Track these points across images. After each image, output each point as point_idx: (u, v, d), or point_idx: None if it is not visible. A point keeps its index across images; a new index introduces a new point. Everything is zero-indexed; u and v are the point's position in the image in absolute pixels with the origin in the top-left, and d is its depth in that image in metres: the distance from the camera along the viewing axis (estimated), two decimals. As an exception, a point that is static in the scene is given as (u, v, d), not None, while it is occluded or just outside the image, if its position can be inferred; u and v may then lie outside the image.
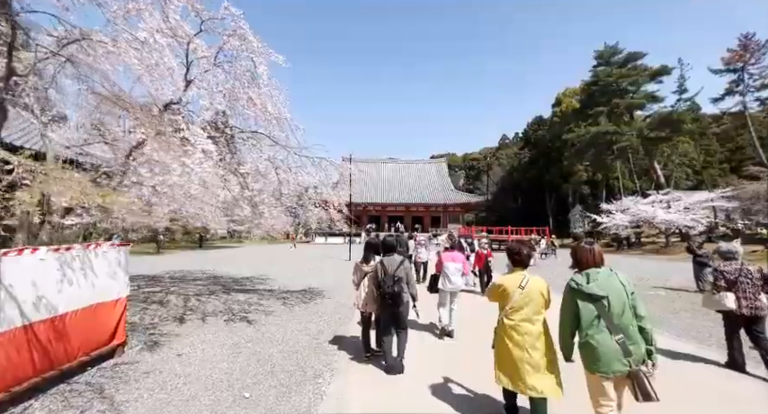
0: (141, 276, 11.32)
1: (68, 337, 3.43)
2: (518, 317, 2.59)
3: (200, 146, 5.08)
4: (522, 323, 2.56)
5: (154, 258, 19.39)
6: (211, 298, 7.79)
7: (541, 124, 57.60)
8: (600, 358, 2.17)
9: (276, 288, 9.42)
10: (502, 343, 2.64)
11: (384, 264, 3.88)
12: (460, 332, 5.26)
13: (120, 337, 4.15)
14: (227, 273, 12.55)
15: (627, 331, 2.18)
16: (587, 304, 2.26)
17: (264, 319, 6.15)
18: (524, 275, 2.68)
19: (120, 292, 4.16)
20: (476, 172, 76.01)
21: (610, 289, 2.24)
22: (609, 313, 2.20)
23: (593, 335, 2.22)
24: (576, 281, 2.35)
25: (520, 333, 2.54)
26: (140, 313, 6.23)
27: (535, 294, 2.61)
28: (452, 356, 4.44)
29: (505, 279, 2.77)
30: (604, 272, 2.33)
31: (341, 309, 7.12)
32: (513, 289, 2.63)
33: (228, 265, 15.72)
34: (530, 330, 2.54)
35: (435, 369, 3.94)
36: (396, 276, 3.76)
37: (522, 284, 2.62)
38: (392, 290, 3.70)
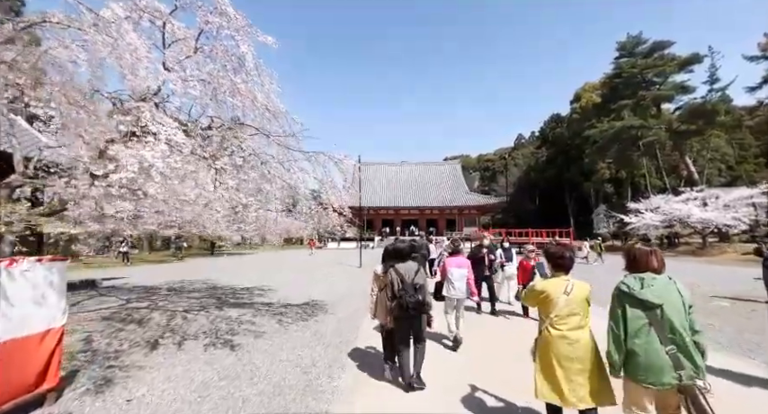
0: (139, 288, 10.63)
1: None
2: (566, 326, 2.40)
3: (164, 135, 4.17)
4: (570, 332, 2.38)
5: (161, 267, 18.91)
6: (200, 314, 6.90)
7: (559, 122, 55.52)
8: (647, 369, 2.03)
9: (275, 301, 8.47)
10: (547, 355, 2.42)
11: (400, 271, 3.59)
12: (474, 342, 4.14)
13: (51, 379, 3.23)
14: (228, 283, 11.74)
15: (681, 344, 2.00)
16: (637, 311, 2.09)
17: (252, 344, 5.17)
18: (568, 280, 2.50)
19: (51, 321, 3.25)
20: (491, 173, 74.13)
21: (666, 298, 2.06)
22: (662, 324, 2.03)
23: (640, 344, 2.06)
24: (628, 284, 2.14)
25: (570, 342, 2.35)
26: (111, 337, 5.36)
27: (580, 301, 2.45)
28: (470, 368, 3.96)
29: (548, 284, 2.55)
30: (662, 279, 2.12)
31: (343, 328, 6.09)
32: (558, 295, 2.44)
33: (233, 273, 14.97)
34: (580, 339, 2.36)
35: (456, 383, 3.64)
36: (417, 284, 3.53)
37: (567, 290, 2.44)
38: (416, 299, 3.45)
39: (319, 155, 6.16)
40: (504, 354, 4.62)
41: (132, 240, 24.82)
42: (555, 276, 2.58)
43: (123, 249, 21.15)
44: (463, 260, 5.07)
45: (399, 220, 42.82)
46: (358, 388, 3.71)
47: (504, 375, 3.84)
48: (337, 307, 7.80)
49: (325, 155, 6.16)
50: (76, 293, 9.32)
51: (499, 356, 4.56)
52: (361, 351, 4.87)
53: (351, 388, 3.72)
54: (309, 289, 10.25)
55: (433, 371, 3.83)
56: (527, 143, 73.50)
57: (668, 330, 2.01)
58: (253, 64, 5.78)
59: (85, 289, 10.19)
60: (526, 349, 2.66)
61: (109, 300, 8.39)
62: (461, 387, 3.63)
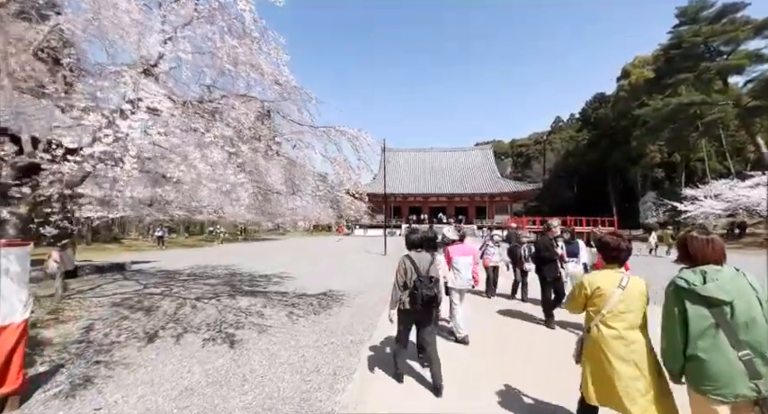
0: (162, 272, 10.67)
1: None
2: (621, 324, 2.13)
3: (144, 104, 3.59)
4: (627, 332, 2.11)
5: (193, 251, 19.41)
6: (210, 303, 6.55)
7: (603, 102, 51.06)
8: (715, 378, 1.73)
9: (291, 291, 8.02)
10: (598, 357, 2.17)
11: (414, 261, 3.35)
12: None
13: (12, 381, 2.82)
14: (249, 268, 11.55)
15: (757, 348, 1.70)
16: (700, 309, 1.79)
17: (254, 341, 4.66)
18: (623, 273, 2.25)
19: (9, 315, 2.81)
20: (525, 159, 70.42)
21: (735, 293, 1.76)
22: (732, 323, 1.74)
23: (705, 348, 1.77)
24: (687, 279, 1.83)
25: (626, 343, 2.09)
26: (112, 326, 5.07)
27: (637, 296, 2.16)
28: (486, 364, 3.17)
29: (599, 277, 2.29)
30: (728, 271, 1.83)
31: (357, 324, 5.46)
32: (612, 289, 2.18)
33: (257, 259, 14.90)
34: (637, 339, 2.10)
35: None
36: (432, 277, 3.28)
37: (623, 284, 2.17)
38: (431, 292, 3.19)
39: (330, 130, 5.41)
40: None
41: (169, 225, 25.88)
42: (607, 268, 2.32)
43: (159, 233, 21.99)
44: (469, 248, 4.82)
45: (427, 207, 41.66)
46: (365, 405, 3.03)
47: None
48: (355, 298, 7.20)
49: (337, 130, 5.40)
50: (102, 277, 9.43)
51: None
52: (375, 354, 4.20)
53: (356, 403, 3.07)
54: (329, 277, 9.76)
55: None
56: (566, 126, 68.66)
57: (741, 331, 1.74)
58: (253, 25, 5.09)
59: (113, 272, 10.35)
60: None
61: (128, 284, 8.34)
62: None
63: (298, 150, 5.48)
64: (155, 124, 3.70)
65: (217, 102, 5.09)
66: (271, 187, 6.33)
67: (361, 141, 5.64)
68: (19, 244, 2.97)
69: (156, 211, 15.25)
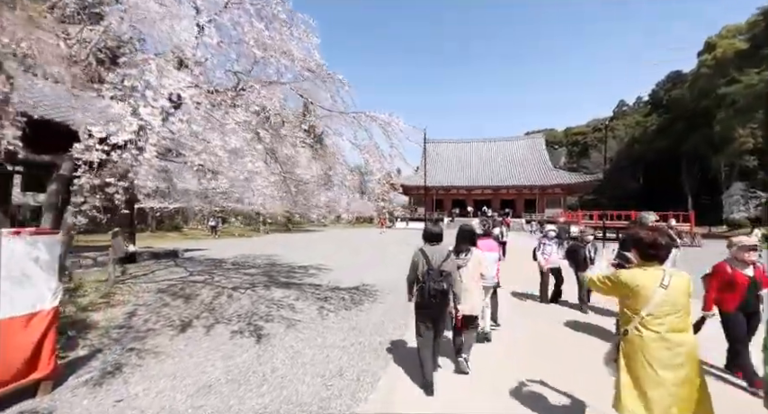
0: (210, 260, 11.23)
1: None
2: (663, 326, 1.95)
3: (166, 91, 3.50)
4: (671, 334, 1.94)
5: (241, 241, 20.48)
6: (246, 293, 6.62)
7: (679, 81, 44.96)
8: None
9: (325, 283, 7.92)
10: (636, 361, 1.99)
11: (426, 254, 3.26)
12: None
13: (44, 367, 2.88)
14: (288, 259, 11.76)
15: None
16: None
17: (280, 336, 4.53)
18: (664, 271, 2.03)
19: (38, 303, 2.86)
20: (581, 148, 64.90)
21: None
22: None
23: None
24: None
25: (669, 346, 1.93)
26: (153, 312, 5.26)
27: (681, 295, 1.98)
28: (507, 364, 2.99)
29: (638, 275, 2.05)
30: None
31: (388, 322, 5.14)
32: (653, 288, 1.97)
33: (298, 250, 15.23)
34: (683, 342, 1.94)
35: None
36: (443, 271, 3.18)
37: (664, 282, 1.97)
38: (440, 287, 3.11)
39: (360, 115, 5.05)
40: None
41: (221, 216, 27.70)
42: (646, 266, 2.10)
43: (212, 223, 23.54)
44: (493, 243, 4.58)
45: (471, 200, 40.10)
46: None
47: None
48: (388, 294, 6.88)
49: (368, 115, 5.02)
50: (156, 263, 10.13)
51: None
52: (405, 359, 3.83)
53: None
54: (365, 270, 9.55)
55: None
56: (631, 111, 61.87)
57: None
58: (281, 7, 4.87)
59: (167, 259, 11.10)
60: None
61: (177, 271, 8.82)
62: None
63: (326, 138, 5.19)
64: (178, 112, 3.60)
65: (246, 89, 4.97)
66: (302, 178, 6.17)
67: (394, 127, 5.21)
68: (48, 232, 3.01)
69: (204, 201, 16.18)
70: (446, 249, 3.34)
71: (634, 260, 2.22)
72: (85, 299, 5.54)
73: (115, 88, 3.61)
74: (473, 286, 3.55)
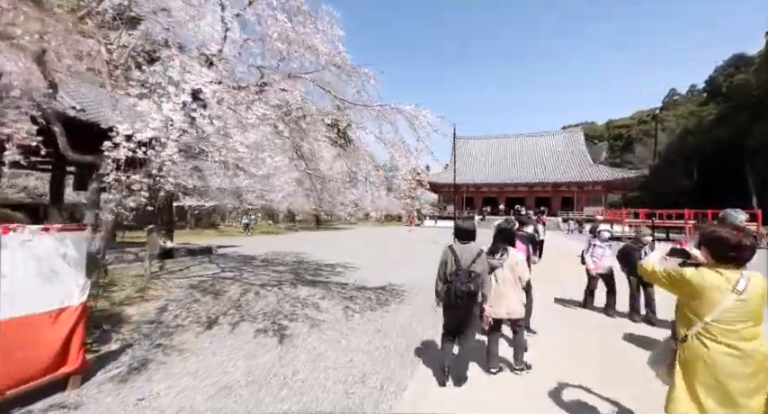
0: (241, 257, 11.52)
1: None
2: (734, 335, 1.75)
3: (189, 86, 3.46)
4: (741, 342, 1.74)
5: (272, 238, 21.01)
6: (272, 291, 6.63)
7: (743, 65, 40.65)
8: None
9: (351, 282, 7.79)
10: (696, 371, 1.82)
11: (456, 252, 3.13)
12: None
13: (73, 362, 2.92)
14: (316, 257, 11.81)
15: None
16: None
17: (304, 336, 4.42)
18: (741, 274, 1.77)
19: (66, 298, 2.90)
20: (624, 142, 60.78)
21: None
22: None
23: None
24: None
25: (741, 356, 1.73)
26: (183, 308, 5.36)
27: (756, 302, 1.75)
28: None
29: (708, 275, 1.81)
30: None
31: (416, 324, 4.89)
32: (724, 292, 1.76)
33: (326, 247, 15.32)
34: (754, 352, 1.73)
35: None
36: (472, 271, 3.02)
37: (739, 287, 1.74)
38: (467, 288, 2.96)
39: (385, 108, 4.82)
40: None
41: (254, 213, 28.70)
42: (719, 267, 1.82)
43: (245, 221, 24.39)
44: (519, 243, 4.25)
45: (503, 198, 38.67)
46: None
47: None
48: (416, 295, 6.62)
49: (393, 108, 4.78)
50: (192, 259, 10.51)
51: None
52: (433, 365, 3.56)
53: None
54: (392, 269, 9.34)
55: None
56: (683, 100, 56.91)
57: None
58: None
59: (202, 255, 11.51)
60: None
61: (210, 267, 9.07)
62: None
63: (350, 132, 5.01)
64: (200, 107, 3.56)
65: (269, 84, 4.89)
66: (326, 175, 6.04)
67: (421, 120, 4.92)
68: (75, 228, 3.05)
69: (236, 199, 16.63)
70: (477, 248, 3.16)
71: (702, 258, 1.94)
72: (122, 293, 5.76)
73: (141, 86, 3.64)
74: (510, 288, 3.36)
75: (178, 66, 3.60)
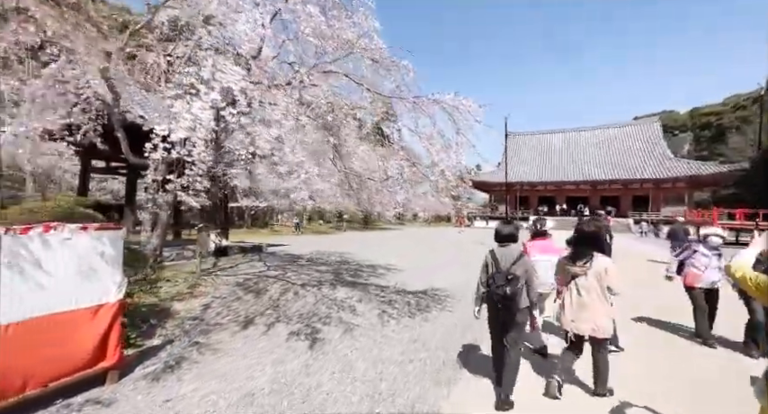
0: (288, 256, 11.87)
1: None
2: None
3: (218, 85, 3.44)
4: None
5: (320, 237, 21.59)
6: (311, 291, 6.59)
7: None
8: None
9: (391, 284, 7.50)
10: None
11: (496, 256, 3.01)
12: None
13: (111, 357, 3.01)
14: (359, 257, 11.73)
15: None
16: None
17: (335, 342, 4.22)
18: None
19: (103, 296, 2.99)
20: (714, 132, 52.63)
21: None
22: None
23: None
24: None
25: None
26: (224, 306, 5.50)
27: None
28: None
29: None
30: None
31: (458, 333, 4.48)
32: None
33: (370, 247, 15.26)
34: None
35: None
36: (510, 274, 2.83)
37: None
38: (502, 291, 2.78)
39: (421, 100, 4.44)
40: None
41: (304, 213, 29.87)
42: None
43: (296, 221, 25.43)
44: (550, 245, 4.08)
45: (563, 196, 35.68)
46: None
47: None
48: (459, 301, 6.13)
49: (429, 99, 4.38)
50: (243, 257, 11.02)
51: None
52: (473, 385, 3.13)
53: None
54: (435, 272, 8.88)
55: None
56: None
57: None
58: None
59: (252, 253, 12.07)
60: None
61: (257, 265, 9.39)
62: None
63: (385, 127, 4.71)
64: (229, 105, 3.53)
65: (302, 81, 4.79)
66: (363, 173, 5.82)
67: (461, 111, 4.46)
68: (112, 227, 3.15)
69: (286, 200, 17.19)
70: (518, 251, 3.06)
71: None
72: (175, 289, 6.09)
73: (177, 87, 3.73)
74: (596, 300, 2.91)
75: (210, 65, 3.60)
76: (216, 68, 3.60)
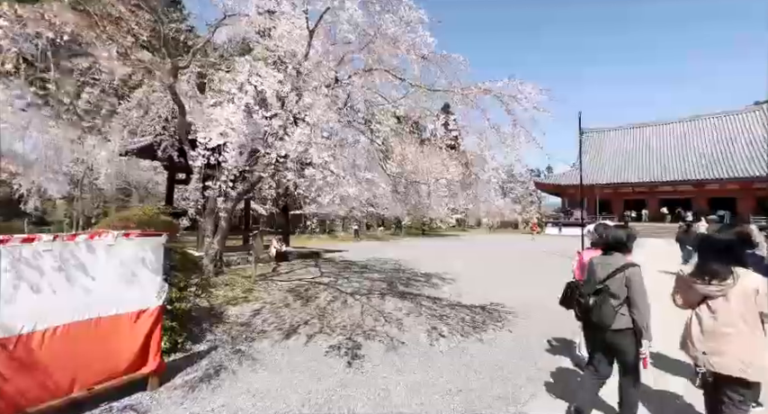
0: (343, 262, 11.93)
1: (41, 367, 2.47)
2: None
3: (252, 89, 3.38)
4: None
5: (378, 244, 21.61)
6: (360, 301, 6.34)
7: None
8: None
9: (446, 296, 6.91)
10: None
11: (593, 265, 2.69)
12: None
13: (151, 363, 3.05)
14: (415, 265, 11.26)
15: None
16: None
17: (375, 361, 3.86)
18: None
19: (144, 302, 3.06)
20: None
21: None
22: None
23: None
24: None
25: None
26: (273, 313, 5.51)
27: None
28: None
29: None
30: None
31: (519, 359, 3.81)
32: None
33: (427, 255, 14.67)
34: None
35: None
36: (603, 287, 2.50)
37: None
38: (585, 302, 2.53)
39: (470, 89, 3.90)
40: None
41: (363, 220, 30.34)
42: None
43: (355, 227, 25.90)
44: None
45: (656, 199, 30.76)
46: None
47: None
48: (523, 320, 5.33)
49: (479, 88, 3.82)
50: (301, 262, 11.34)
51: None
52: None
53: None
54: (497, 284, 8.00)
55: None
56: None
57: None
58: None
59: (311, 259, 12.39)
60: None
61: (312, 271, 9.53)
62: None
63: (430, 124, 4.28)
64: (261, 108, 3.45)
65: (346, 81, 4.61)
66: (411, 176, 5.42)
67: (520, 100, 3.81)
68: (154, 234, 3.23)
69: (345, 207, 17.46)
70: (622, 262, 2.60)
71: None
72: (231, 293, 6.34)
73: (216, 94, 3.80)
74: (743, 331, 2.14)
75: (247, 70, 3.58)
76: (252, 73, 3.56)
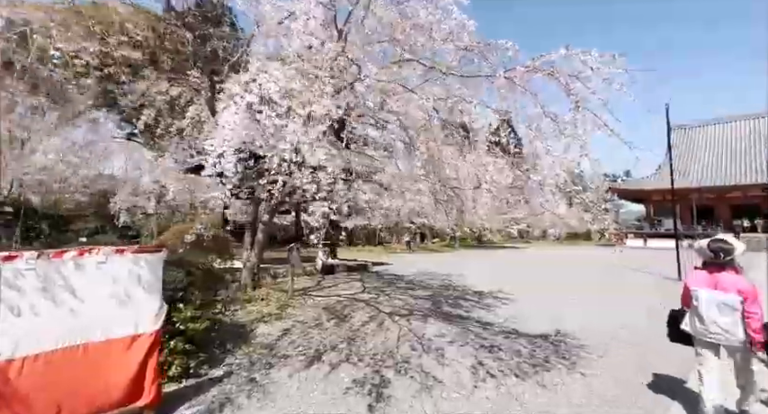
0: (389, 276, 11.35)
1: (20, 397, 2.26)
2: None
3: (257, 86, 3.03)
4: None
5: (430, 256, 20.62)
6: (398, 323, 5.64)
7: None
8: None
9: (500, 321, 5.88)
10: None
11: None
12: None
13: (147, 395, 2.75)
14: (466, 281, 10.20)
15: None
16: None
17: (404, 404, 3.16)
18: None
19: (139, 325, 2.77)
20: None
21: None
22: None
23: None
24: None
25: None
26: (301, 334, 5.08)
27: None
28: None
29: None
30: None
31: None
32: None
33: (481, 270, 13.43)
34: None
35: None
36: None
37: None
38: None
39: (515, 70, 3.11)
40: None
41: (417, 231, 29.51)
42: None
43: (406, 239, 25.22)
44: (728, 278, 2.63)
45: (724, 207, 25.39)
46: None
47: None
48: (601, 357, 4.18)
49: (525, 69, 3.03)
50: (346, 275, 11.02)
51: None
52: None
53: None
54: (567, 308, 6.69)
55: None
56: None
57: None
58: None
59: (356, 272, 12.01)
60: None
61: (355, 285, 9.07)
62: None
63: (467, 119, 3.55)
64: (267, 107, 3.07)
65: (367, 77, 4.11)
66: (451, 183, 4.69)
67: (582, 77, 2.92)
68: (151, 250, 2.97)
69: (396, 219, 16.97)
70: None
71: None
72: (266, 308, 6.11)
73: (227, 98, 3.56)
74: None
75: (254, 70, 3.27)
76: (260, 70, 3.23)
